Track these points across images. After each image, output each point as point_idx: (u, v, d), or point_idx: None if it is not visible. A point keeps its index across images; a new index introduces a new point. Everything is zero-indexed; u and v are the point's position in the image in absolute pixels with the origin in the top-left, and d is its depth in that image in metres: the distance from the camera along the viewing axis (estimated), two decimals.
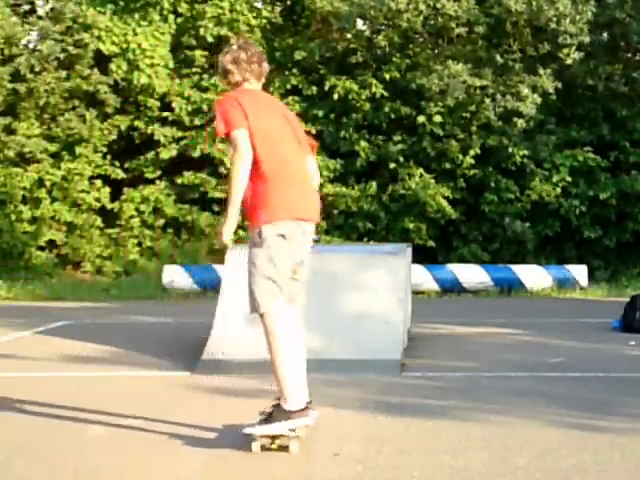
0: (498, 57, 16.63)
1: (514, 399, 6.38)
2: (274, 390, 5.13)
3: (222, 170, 17.09)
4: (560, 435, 5.35)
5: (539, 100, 16.22)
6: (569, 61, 16.29)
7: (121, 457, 5.01)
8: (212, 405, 6.36)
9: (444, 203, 16.59)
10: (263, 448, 4.97)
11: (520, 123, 16.35)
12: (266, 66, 5.22)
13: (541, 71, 16.29)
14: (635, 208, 16.92)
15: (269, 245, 4.92)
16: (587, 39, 16.24)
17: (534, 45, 16.81)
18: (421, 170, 16.98)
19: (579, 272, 14.80)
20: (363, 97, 17.03)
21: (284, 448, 4.96)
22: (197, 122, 17.49)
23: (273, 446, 4.99)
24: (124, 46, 17.23)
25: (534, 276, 14.82)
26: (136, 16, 17.38)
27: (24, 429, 5.70)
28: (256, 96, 5.12)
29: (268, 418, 4.98)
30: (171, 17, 17.63)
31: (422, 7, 16.17)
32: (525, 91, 16.11)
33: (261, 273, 4.93)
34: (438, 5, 16.18)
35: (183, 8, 17.72)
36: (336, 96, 17.04)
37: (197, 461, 4.91)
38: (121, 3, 17.73)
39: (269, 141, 4.95)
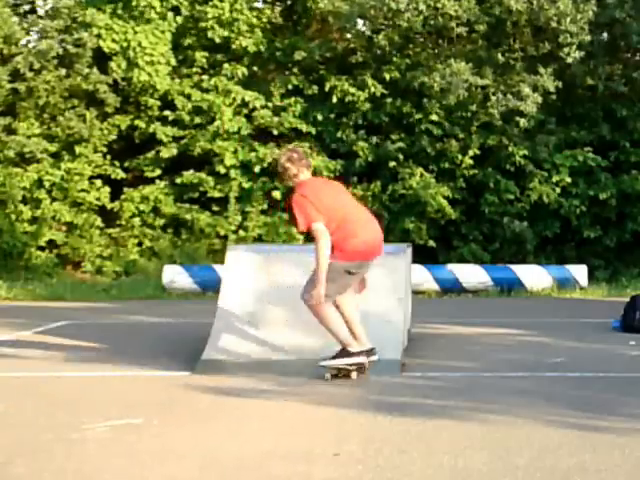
0: (499, 56, 16.61)
1: (514, 399, 6.38)
2: (273, 390, 5.20)
3: (221, 169, 17.09)
4: (560, 435, 5.35)
5: (540, 99, 16.21)
6: (569, 60, 16.26)
7: (121, 457, 5.01)
8: (212, 405, 6.35)
9: (444, 203, 16.56)
10: (333, 376, 7.05)
11: (522, 122, 16.33)
12: (311, 160, 7.42)
13: (542, 70, 16.27)
14: (635, 208, 16.90)
15: (334, 277, 6.85)
16: (588, 37, 16.22)
17: (535, 44, 16.78)
18: (421, 170, 16.95)
19: (579, 272, 14.78)
20: (362, 98, 17.01)
21: (347, 376, 7.05)
22: (198, 121, 17.48)
23: (339, 374, 7.07)
24: (124, 44, 17.18)
25: (534, 276, 14.78)
26: (136, 14, 17.34)
27: (24, 429, 5.70)
28: (314, 184, 7.21)
29: (335, 356, 7.05)
30: (170, 15, 17.59)
31: (422, 7, 16.13)
32: (526, 90, 16.07)
33: (322, 284, 6.81)
34: (438, 5, 16.13)
35: (184, 7, 17.69)
36: (335, 98, 17.02)
37: (195, 462, 4.91)
38: (120, 3, 17.69)
39: (334, 210, 6.94)
